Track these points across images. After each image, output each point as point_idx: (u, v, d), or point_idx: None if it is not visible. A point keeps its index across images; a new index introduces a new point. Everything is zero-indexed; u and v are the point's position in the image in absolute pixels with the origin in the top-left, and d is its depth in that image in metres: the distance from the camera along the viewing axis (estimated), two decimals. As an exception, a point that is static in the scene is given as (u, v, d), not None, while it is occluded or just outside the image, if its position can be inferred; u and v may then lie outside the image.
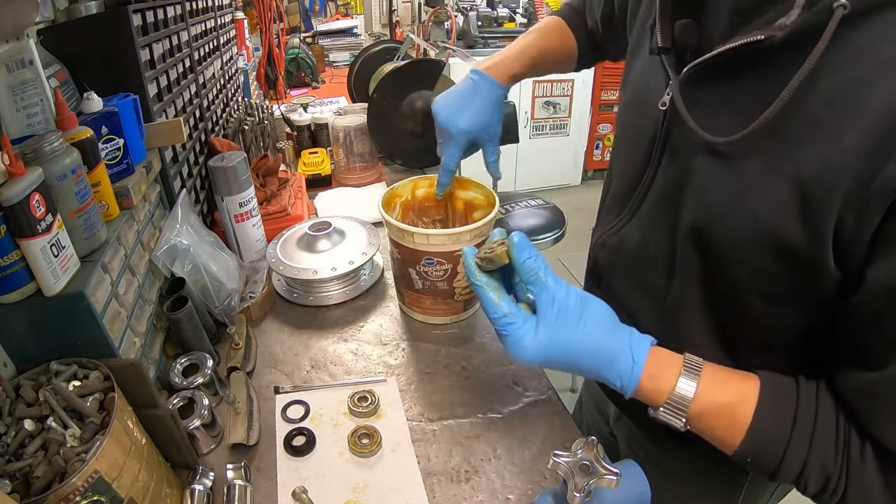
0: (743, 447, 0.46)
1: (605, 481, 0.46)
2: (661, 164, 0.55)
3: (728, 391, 0.47)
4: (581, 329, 0.47)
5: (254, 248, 0.98)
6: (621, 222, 0.62)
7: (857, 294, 0.41)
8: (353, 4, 3.54)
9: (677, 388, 0.46)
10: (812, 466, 0.44)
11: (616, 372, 0.47)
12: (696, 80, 0.49)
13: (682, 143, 0.52)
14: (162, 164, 0.81)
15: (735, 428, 0.46)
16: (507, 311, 0.48)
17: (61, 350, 0.55)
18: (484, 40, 3.21)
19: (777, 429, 0.45)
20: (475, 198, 0.88)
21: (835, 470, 0.44)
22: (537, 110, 3.42)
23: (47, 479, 0.44)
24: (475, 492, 0.60)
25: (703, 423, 0.47)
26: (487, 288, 0.49)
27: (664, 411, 0.48)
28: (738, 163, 0.46)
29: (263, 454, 0.65)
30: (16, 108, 0.58)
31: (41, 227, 0.51)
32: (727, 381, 0.48)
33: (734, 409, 0.46)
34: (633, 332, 0.49)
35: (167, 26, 0.88)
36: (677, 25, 0.51)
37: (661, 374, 0.47)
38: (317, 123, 1.51)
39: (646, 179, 0.57)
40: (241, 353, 0.76)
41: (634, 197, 0.59)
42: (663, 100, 0.52)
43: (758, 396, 0.46)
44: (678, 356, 0.49)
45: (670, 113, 0.52)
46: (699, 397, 0.46)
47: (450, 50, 1.44)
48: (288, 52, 2.32)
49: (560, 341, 0.47)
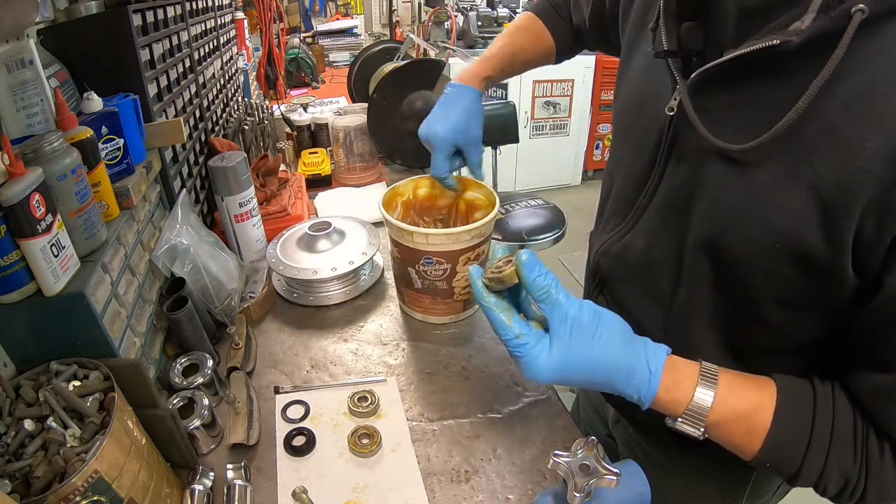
0: (762, 453, 0.46)
1: (605, 481, 0.46)
2: (667, 170, 0.54)
3: (745, 398, 0.46)
4: (596, 345, 0.46)
5: (254, 248, 0.98)
6: (624, 229, 0.61)
7: (874, 299, 0.41)
8: (353, 4, 3.54)
9: (695, 399, 0.46)
10: (831, 469, 0.44)
11: (633, 386, 0.47)
12: (704, 84, 0.48)
13: (690, 150, 0.51)
14: (162, 164, 0.81)
15: (753, 435, 0.46)
16: (518, 332, 0.46)
17: (61, 350, 0.55)
18: (484, 40, 3.21)
19: (795, 434, 0.45)
20: (476, 198, 0.88)
21: (854, 471, 0.44)
22: (537, 110, 3.42)
23: (47, 479, 0.44)
24: (475, 492, 0.60)
25: (721, 431, 0.47)
26: (497, 309, 0.47)
27: (682, 421, 0.47)
28: (752, 170, 0.45)
29: (263, 454, 0.65)
30: (16, 108, 0.58)
31: (41, 227, 0.51)
32: (744, 387, 0.47)
33: (752, 416, 0.46)
34: (648, 344, 0.48)
35: (167, 26, 0.88)
36: (683, 28, 0.50)
37: (677, 385, 0.47)
38: (317, 123, 1.51)
39: (650, 186, 0.56)
40: (241, 353, 0.76)
41: (638, 203, 0.58)
42: (670, 105, 0.51)
43: (775, 402, 0.46)
44: (694, 365, 0.48)
45: (677, 118, 0.51)
46: (717, 406, 0.46)
47: (450, 50, 1.44)
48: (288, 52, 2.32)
49: (575, 359, 0.46)
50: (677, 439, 0.50)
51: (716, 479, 0.67)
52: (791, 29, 0.39)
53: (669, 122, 0.52)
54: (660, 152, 0.54)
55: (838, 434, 0.44)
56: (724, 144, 0.45)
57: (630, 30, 0.63)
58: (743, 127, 0.44)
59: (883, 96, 0.37)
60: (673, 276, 0.55)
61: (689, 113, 0.47)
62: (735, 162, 0.46)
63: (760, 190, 0.44)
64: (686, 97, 0.48)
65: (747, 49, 0.42)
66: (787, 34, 0.39)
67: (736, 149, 0.44)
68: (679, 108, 0.50)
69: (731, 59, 0.44)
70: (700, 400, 0.46)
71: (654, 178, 0.56)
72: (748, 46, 0.42)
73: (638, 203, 0.58)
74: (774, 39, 0.40)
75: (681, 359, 0.48)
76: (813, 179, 0.41)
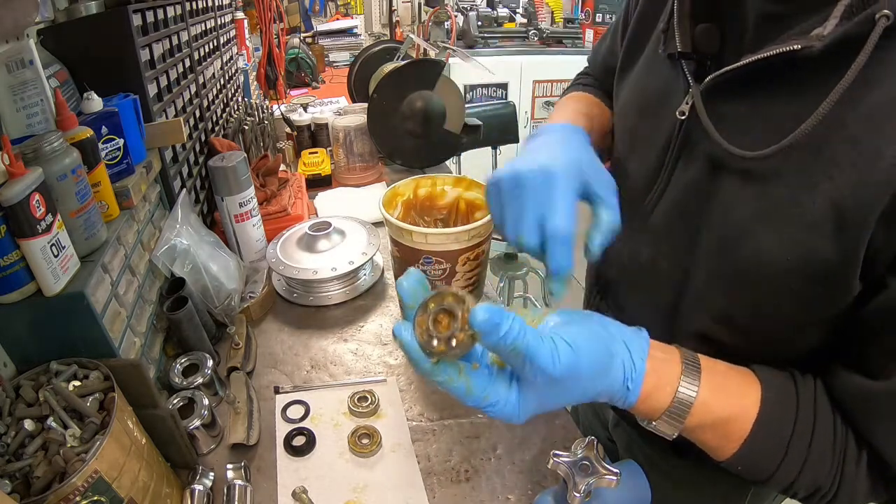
0: (734, 458, 0.45)
1: (606, 481, 0.46)
2: (675, 175, 0.52)
3: (728, 405, 0.44)
4: (573, 382, 0.40)
5: (254, 248, 0.98)
6: (628, 235, 0.58)
7: (871, 303, 0.41)
8: (353, 4, 3.54)
9: (676, 397, 0.43)
10: (804, 478, 0.44)
11: (613, 399, 0.43)
12: (718, 88, 0.46)
13: (700, 156, 0.49)
14: (162, 164, 0.81)
15: (729, 440, 0.44)
16: (483, 394, 0.39)
17: (61, 350, 0.55)
18: (484, 40, 3.21)
19: (773, 445, 0.44)
20: (476, 198, 0.87)
21: (826, 480, 0.43)
22: (537, 110, 3.42)
23: (47, 479, 0.44)
24: (475, 492, 0.60)
25: (696, 434, 0.45)
26: (451, 382, 0.38)
27: (657, 424, 0.45)
28: (767, 179, 0.43)
29: (263, 454, 0.65)
30: (16, 108, 0.58)
31: (41, 227, 0.51)
32: (727, 390, 0.45)
33: (731, 423, 0.44)
34: (626, 358, 0.42)
35: (167, 26, 0.88)
36: (698, 29, 0.48)
37: (658, 389, 0.43)
38: (317, 123, 1.51)
39: (656, 190, 0.55)
40: (241, 353, 0.76)
41: (642, 209, 0.56)
42: (681, 109, 0.49)
43: (757, 410, 0.44)
44: (675, 367, 0.44)
45: (688, 123, 0.49)
46: (696, 410, 0.43)
47: (450, 50, 1.44)
48: (288, 52, 2.32)
49: (549, 398, 0.41)
50: (678, 444, 0.49)
51: (717, 483, 0.66)
52: (813, 34, 0.38)
53: (679, 126, 0.51)
54: (668, 157, 0.53)
55: (816, 445, 0.43)
56: (740, 151, 0.43)
57: (631, 32, 0.62)
58: (758, 134, 0.43)
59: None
60: (679, 285, 0.53)
61: (703, 118, 0.46)
62: (749, 170, 0.44)
63: (775, 201, 0.43)
64: (699, 101, 0.47)
65: (767, 53, 0.40)
66: (809, 39, 0.38)
67: (752, 156, 0.42)
68: (691, 112, 0.48)
69: (749, 63, 0.42)
70: (683, 397, 0.43)
71: (661, 182, 0.54)
72: (768, 51, 0.40)
73: (642, 209, 0.57)
74: (795, 45, 0.38)
75: (663, 359, 0.44)
76: (831, 192, 0.39)
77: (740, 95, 0.45)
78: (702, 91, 0.47)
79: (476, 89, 3.18)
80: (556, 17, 3.55)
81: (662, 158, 0.53)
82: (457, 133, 1.37)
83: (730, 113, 0.46)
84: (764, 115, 0.44)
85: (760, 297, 0.46)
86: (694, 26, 0.49)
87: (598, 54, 0.79)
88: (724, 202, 0.47)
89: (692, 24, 0.49)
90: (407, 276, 0.41)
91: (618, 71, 0.65)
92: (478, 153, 2.07)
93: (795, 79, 0.42)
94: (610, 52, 0.74)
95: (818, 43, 0.37)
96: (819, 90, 0.39)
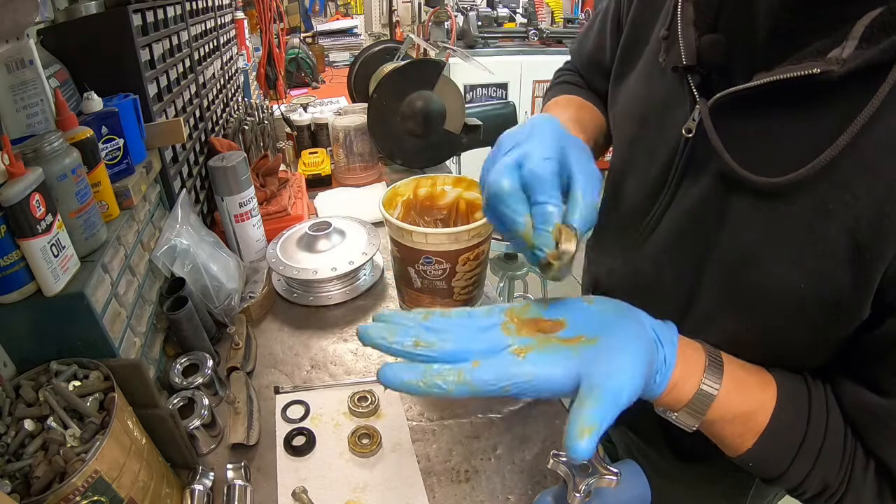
0: (748, 454, 0.45)
1: (605, 481, 0.46)
2: (679, 192, 0.51)
3: (748, 399, 0.44)
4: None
5: (254, 248, 0.98)
6: (630, 250, 0.58)
7: (882, 326, 0.40)
8: (353, 4, 3.54)
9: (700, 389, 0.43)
10: (813, 479, 0.44)
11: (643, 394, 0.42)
12: (726, 106, 0.44)
13: (707, 174, 0.47)
14: (162, 164, 0.81)
15: (745, 437, 0.44)
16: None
17: (61, 350, 0.55)
18: (484, 40, 3.21)
19: (786, 443, 0.44)
20: (476, 198, 0.87)
21: (835, 483, 0.43)
22: (537, 110, 3.42)
23: (47, 479, 0.44)
24: (475, 492, 0.60)
25: (715, 428, 0.45)
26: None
27: (678, 416, 0.45)
28: (781, 204, 0.42)
29: (263, 454, 0.65)
30: (16, 108, 0.58)
31: (41, 227, 0.51)
32: (748, 386, 0.45)
33: (750, 419, 0.44)
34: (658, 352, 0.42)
35: (167, 26, 0.88)
36: (704, 40, 0.46)
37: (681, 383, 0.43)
38: (317, 123, 1.51)
39: (658, 206, 0.53)
40: (241, 353, 0.76)
41: (645, 223, 0.55)
42: (688, 125, 0.47)
43: (773, 408, 0.44)
44: (700, 361, 0.44)
45: (695, 140, 0.48)
46: (717, 405, 0.43)
47: (450, 50, 1.44)
48: (288, 52, 2.33)
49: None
50: (677, 446, 0.49)
51: (717, 485, 0.66)
52: (831, 57, 0.36)
53: (685, 143, 0.49)
54: (672, 173, 0.51)
55: (828, 443, 0.43)
56: (755, 177, 0.41)
57: (626, 36, 0.60)
58: (770, 156, 0.42)
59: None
60: (682, 304, 0.52)
61: (713, 138, 0.44)
62: (761, 194, 0.43)
63: (789, 226, 0.41)
64: (707, 119, 0.45)
65: (784, 76, 0.39)
66: (828, 62, 0.36)
67: (768, 182, 0.41)
68: (698, 128, 0.46)
69: (765, 83, 0.40)
70: (706, 391, 0.43)
71: (665, 198, 0.52)
72: (785, 73, 0.39)
73: (645, 223, 0.55)
74: (815, 68, 0.37)
75: (687, 351, 0.44)
76: (847, 221, 0.38)
77: (749, 114, 0.44)
78: (709, 107, 0.45)
79: (476, 89, 3.18)
80: (556, 17, 3.55)
81: (666, 174, 0.52)
82: (457, 133, 1.37)
83: (738, 131, 0.44)
84: (774, 135, 0.43)
85: (770, 320, 0.46)
86: (698, 35, 0.46)
87: (584, 48, 0.75)
88: (734, 224, 0.45)
89: (696, 34, 0.47)
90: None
91: (613, 76, 0.63)
92: (478, 153, 2.06)
93: (811, 101, 0.40)
94: (598, 48, 0.71)
95: (837, 67, 0.36)
96: (836, 114, 0.38)
